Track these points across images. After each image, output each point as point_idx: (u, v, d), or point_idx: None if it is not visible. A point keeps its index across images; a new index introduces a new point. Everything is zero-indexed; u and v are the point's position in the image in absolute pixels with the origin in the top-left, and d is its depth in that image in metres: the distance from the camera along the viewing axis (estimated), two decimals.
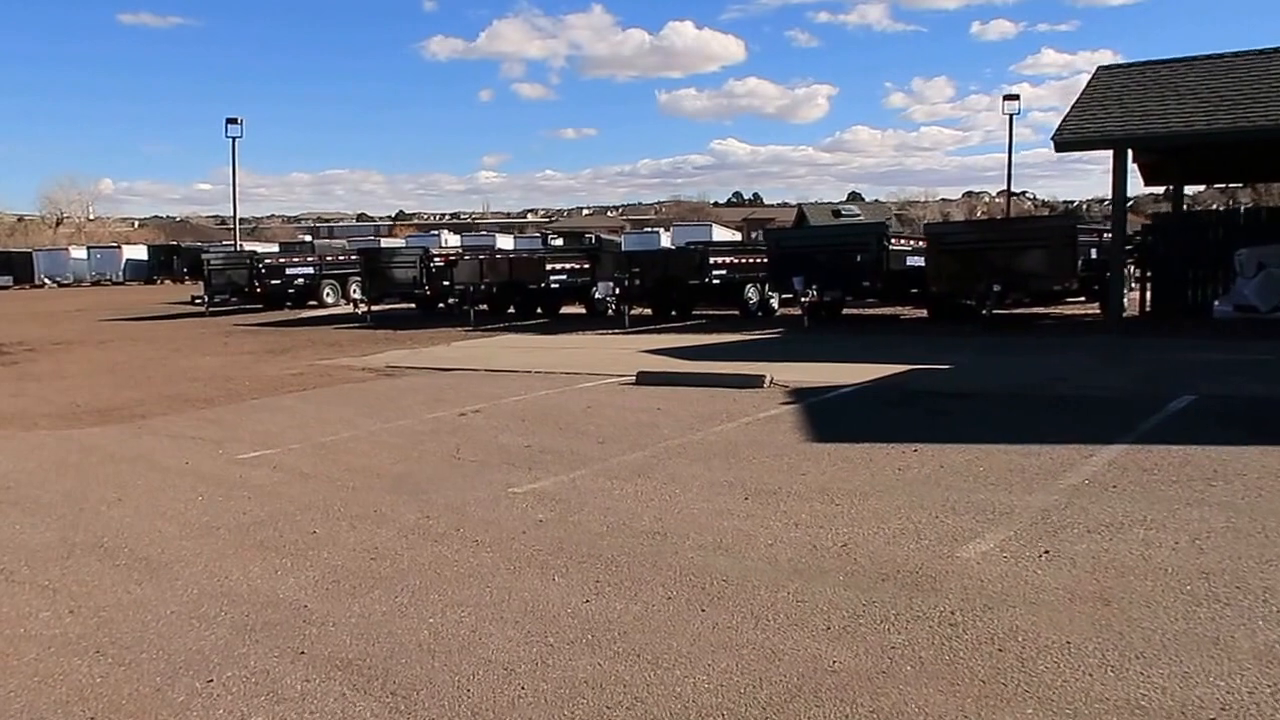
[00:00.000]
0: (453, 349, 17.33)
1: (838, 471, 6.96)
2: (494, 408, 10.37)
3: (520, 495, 6.59)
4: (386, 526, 5.95)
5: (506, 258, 25.24)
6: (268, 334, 22.07)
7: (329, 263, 30.87)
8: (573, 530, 5.73)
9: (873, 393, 10.62)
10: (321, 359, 16.27)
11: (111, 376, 14.90)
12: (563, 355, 15.48)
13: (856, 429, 8.59)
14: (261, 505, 6.58)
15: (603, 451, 7.96)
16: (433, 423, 9.60)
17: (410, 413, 10.26)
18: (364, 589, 4.85)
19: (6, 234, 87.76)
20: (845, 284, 19.65)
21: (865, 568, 4.89)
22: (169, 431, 9.75)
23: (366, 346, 18.13)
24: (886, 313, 22.12)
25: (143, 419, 10.71)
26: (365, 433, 9.21)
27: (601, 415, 9.65)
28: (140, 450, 8.79)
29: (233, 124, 42.11)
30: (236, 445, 8.83)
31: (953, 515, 5.77)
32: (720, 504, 6.20)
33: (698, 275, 20.84)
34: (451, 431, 9.08)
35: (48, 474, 7.86)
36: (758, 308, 22.27)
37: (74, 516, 6.46)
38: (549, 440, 8.49)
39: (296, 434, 9.28)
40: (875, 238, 19.61)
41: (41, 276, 60.89)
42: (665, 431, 8.71)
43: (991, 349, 14.41)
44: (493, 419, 9.69)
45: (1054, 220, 27.53)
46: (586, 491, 6.64)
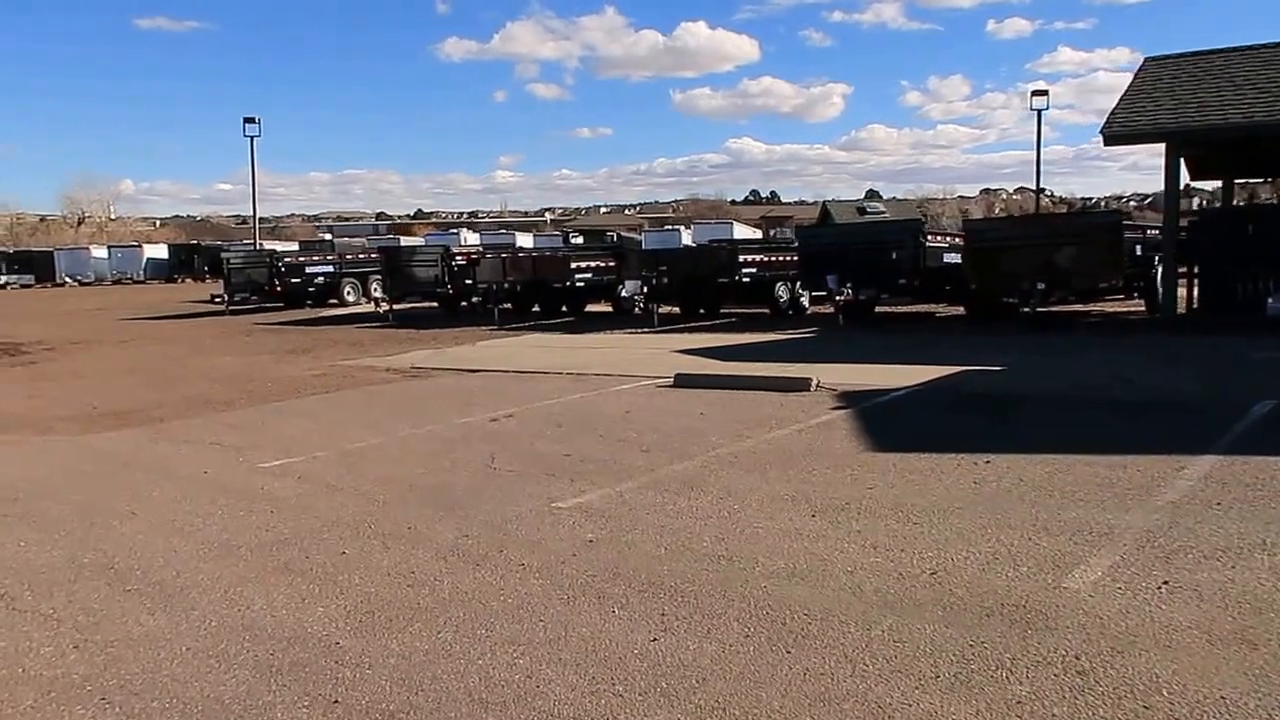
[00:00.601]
0: (478, 349, 16.85)
1: (907, 485, 6.40)
2: (527, 412, 9.85)
3: (565, 511, 6.07)
4: (422, 547, 5.44)
5: (530, 256, 24.75)
6: (289, 333, 21.68)
7: (349, 261, 30.47)
8: (627, 553, 5.19)
9: (927, 396, 10.04)
10: (344, 359, 15.82)
11: (130, 377, 14.51)
12: (593, 356, 14.96)
13: (919, 437, 8.02)
14: (285, 521, 6.09)
15: (648, 461, 7.42)
16: (464, 428, 9.10)
17: (440, 417, 9.76)
18: (402, 622, 4.33)
19: (29, 234, 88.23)
20: (881, 282, 19.02)
21: (963, 600, 4.33)
22: (187, 437, 9.29)
23: (390, 346, 17.68)
24: (919, 311, 21.47)
25: (160, 422, 10.27)
26: (394, 439, 8.72)
27: (642, 420, 9.12)
28: (157, 457, 8.34)
29: (251, 123, 41.90)
30: (258, 452, 8.36)
31: (1046, 536, 5.20)
32: (785, 522, 5.66)
33: (727, 273, 20.26)
34: (484, 438, 8.58)
35: (59, 483, 7.41)
36: (788, 306, 21.68)
37: (84, 532, 5.99)
38: (589, 448, 7.96)
39: (321, 440, 8.81)
40: (911, 234, 18.96)
41: (63, 275, 60.96)
42: (713, 439, 8.17)
43: (1040, 349, 13.77)
44: (527, 424, 9.18)
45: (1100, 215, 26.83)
46: (636, 507, 6.11)
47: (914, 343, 15.48)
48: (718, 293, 20.97)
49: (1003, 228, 20.69)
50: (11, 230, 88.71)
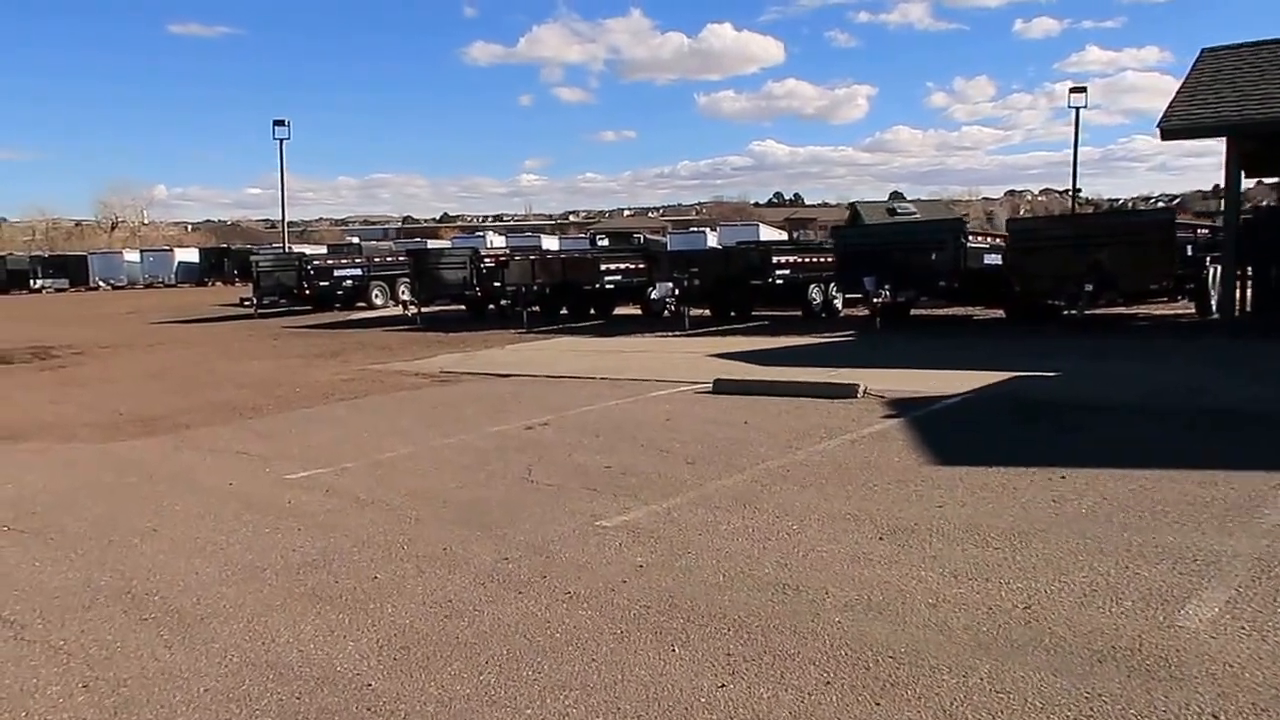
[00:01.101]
0: (508, 353, 16.49)
1: (980, 504, 5.91)
2: (562, 420, 9.45)
3: (611, 531, 5.65)
4: (459, 571, 5.03)
5: (559, 258, 24.41)
6: (317, 336, 21.46)
7: (377, 264, 30.30)
8: (682, 580, 4.76)
9: (983, 404, 9.52)
10: (373, 363, 15.51)
11: (157, 382, 14.28)
12: (626, 360, 14.54)
13: (983, 449, 7.51)
14: (313, 540, 5.71)
15: (695, 474, 6.99)
16: (498, 437, 8.71)
17: (472, 425, 9.38)
18: (439, 660, 3.93)
19: (64, 238, 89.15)
20: (920, 284, 18.45)
21: (1067, 641, 3.86)
22: (213, 445, 8.98)
23: (418, 350, 17.37)
24: (957, 313, 20.87)
25: (186, 429, 9.97)
26: (425, 449, 8.35)
27: (683, 429, 8.68)
28: (181, 468, 8.01)
29: (280, 125, 41.97)
30: (285, 463, 8.01)
31: (1146, 565, 4.70)
32: (851, 545, 5.20)
33: (760, 275, 19.78)
34: (520, 448, 8.18)
35: (79, 496, 7.09)
36: (821, 309, 21.16)
37: (101, 551, 5.65)
38: (631, 459, 7.54)
39: (350, 449, 8.45)
40: (952, 235, 18.38)
41: (96, 279, 61.50)
42: (761, 450, 7.72)
43: (1093, 353, 13.19)
44: (563, 433, 8.77)
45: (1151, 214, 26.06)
46: (687, 526, 5.67)
47: (956, 346, 14.93)
48: (750, 295, 20.49)
49: (1049, 227, 20.03)
50: (47, 235, 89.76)
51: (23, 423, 10.86)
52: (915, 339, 16.30)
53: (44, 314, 34.80)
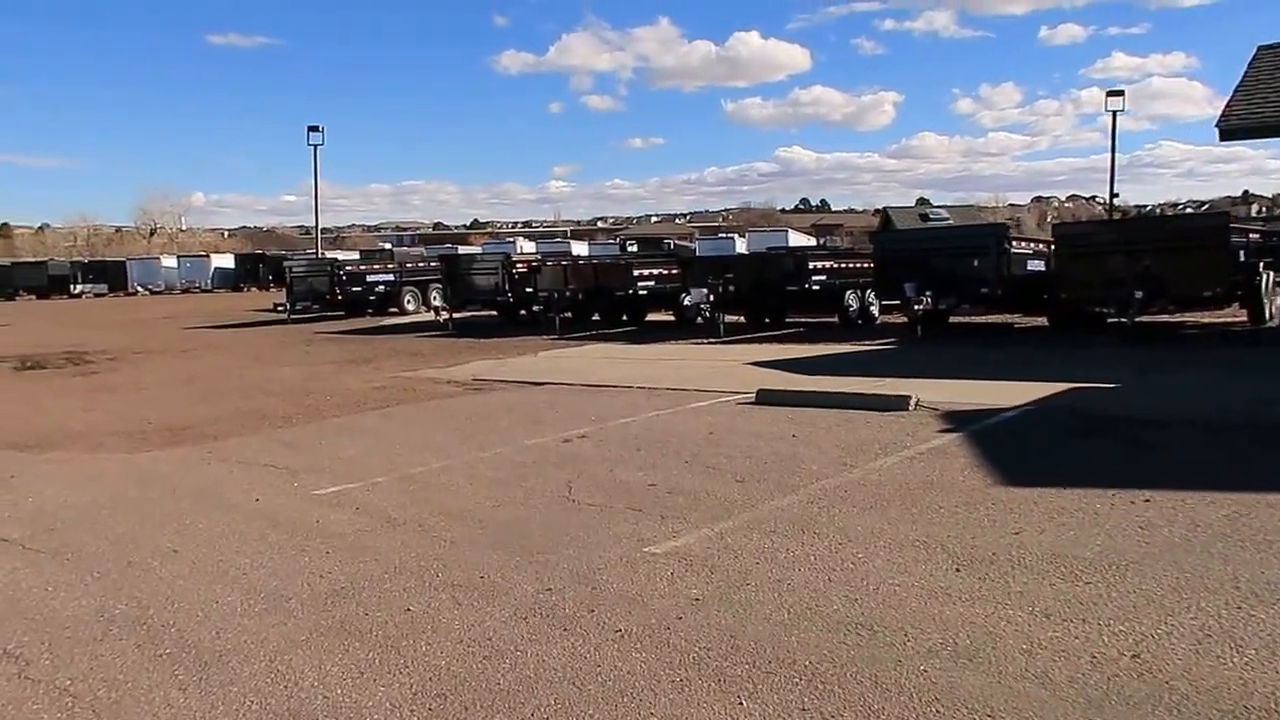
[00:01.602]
0: (541, 360, 16.14)
1: (1060, 531, 5.43)
2: (601, 432, 9.06)
3: (660, 558, 5.23)
4: (499, 603, 4.64)
5: (592, 264, 24.09)
6: (349, 342, 21.27)
7: (409, 270, 30.14)
8: (743, 616, 4.34)
9: (1043, 418, 9.00)
10: (404, 370, 15.23)
11: (188, 389, 14.09)
12: (662, 368, 14.14)
13: (1052, 468, 7.01)
14: (342, 564, 5.36)
15: (745, 494, 6.56)
16: (535, 451, 8.33)
17: (507, 437, 9.01)
18: (480, 711, 3.54)
19: (104, 244, 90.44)
20: (961, 290, 17.86)
21: (1190, 699, 3.39)
22: (241, 457, 8.68)
23: (450, 357, 17.08)
24: (996, 321, 20.24)
25: (214, 440, 9.71)
26: (459, 462, 7.99)
27: (729, 443, 8.26)
28: (207, 481, 7.71)
29: (314, 131, 42.08)
30: (314, 476, 7.69)
31: (1260, 605, 4.21)
32: (925, 577, 4.75)
33: (796, 281, 19.29)
34: (558, 463, 7.79)
35: (100, 512, 6.80)
36: (858, 315, 20.62)
37: (119, 575, 5.33)
38: (676, 476, 7.13)
39: (381, 463, 8.11)
40: (995, 240, 17.78)
41: (135, 284, 62.24)
42: (813, 467, 7.27)
43: (1148, 364, 12.58)
44: (603, 446, 8.38)
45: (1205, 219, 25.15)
46: (742, 553, 5.25)
47: (1004, 356, 14.35)
48: (786, 301, 20.02)
49: (1097, 232, 19.41)
50: (89, 241, 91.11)
51: (51, 431, 10.66)
52: (958, 347, 15.74)
53: (82, 319, 35.05)
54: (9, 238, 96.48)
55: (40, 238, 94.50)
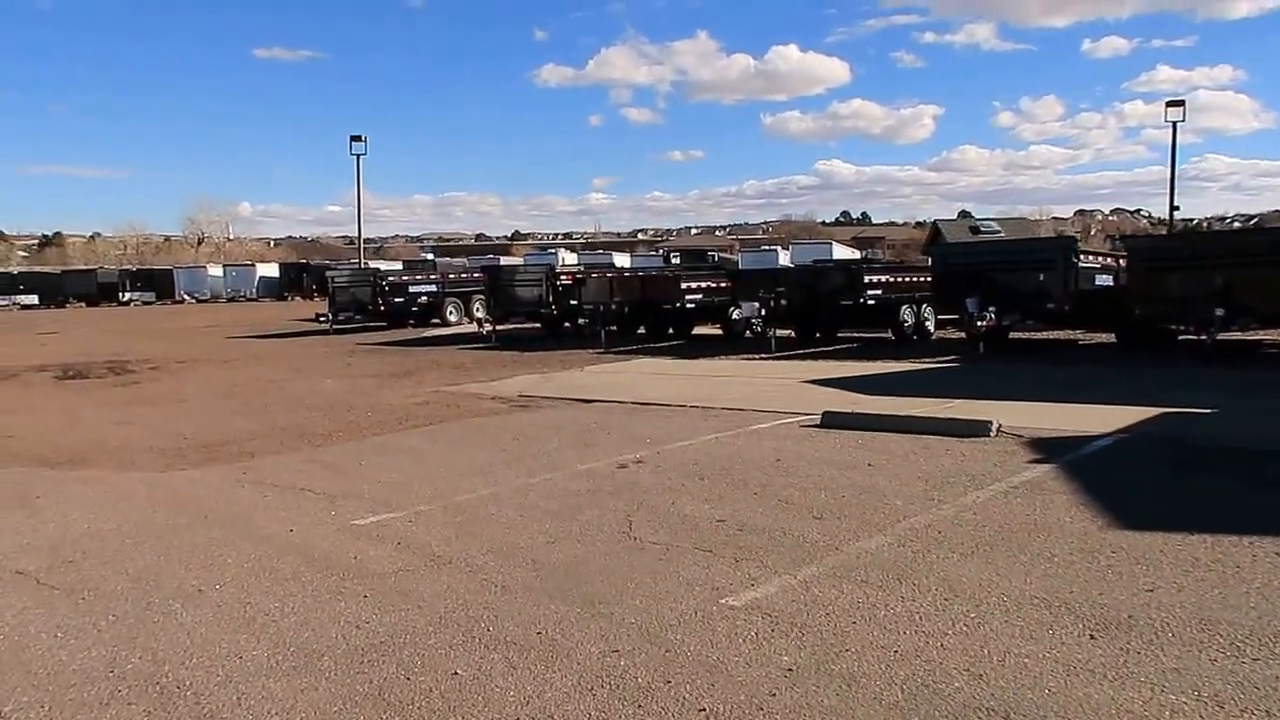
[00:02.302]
0: (587, 375, 15.57)
1: (1202, 588, 4.70)
2: (659, 457, 8.43)
3: (740, 612, 4.59)
4: (559, 667, 4.02)
5: (638, 276, 23.51)
6: (391, 354, 20.89)
7: (452, 281, 29.80)
8: (848, 696, 3.67)
9: (1143, 448, 8.20)
10: (447, 384, 14.74)
11: (227, 401, 13.71)
12: (716, 386, 13.48)
13: (1170, 508, 6.25)
14: (382, 613, 4.78)
15: (825, 533, 5.89)
16: (588, 477, 7.73)
17: (558, 461, 8.42)
18: None
19: (153, 252, 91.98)
20: (1026, 306, 16.99)
21: None
22: (277, 479, 8.18)
23: (494, 370, 16.58)
24: (1057, 337, 19.29)
25: (250, 458, 9.24)
26: (507, 490, 7.40)
27: (799, 472, 7.59)
28: (240, 508, 7.20)
29: (357, 141, 42.11)
30: (354, 503, 7.15)
31: None
32: (1056, 646, 4.05)
33: (851, 295, 18.54)
34: (615, 491, 7.18)
35: (124, 542, 6.31)
36: (913, 331, 19.81)
37: (136, 620, 4.80)
38: (745, 510, 6.48)
39: (425, 488, 7.56)
40: (1063, 254, 16.90)
41: (181, 293, 63.00)
42: (897, 502, 6.58)
43: (1240, 387, 11.67)
44: (662, 474, 7.74)
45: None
46: (835, 609, 4.58)
47: (1076, 376, 13.48)
48: (839, 316, 19.28)
49: (1174, 246, 18.42)
50: (138, 250, 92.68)
51: (84, 446, 10.28)
52: (1026, 365, 14.89)
53: (128, 326, 35.24)
54: (62, 246, 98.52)
55: (92, 246, 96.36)
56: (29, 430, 11.58)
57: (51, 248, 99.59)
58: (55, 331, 32.76)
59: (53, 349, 24.86)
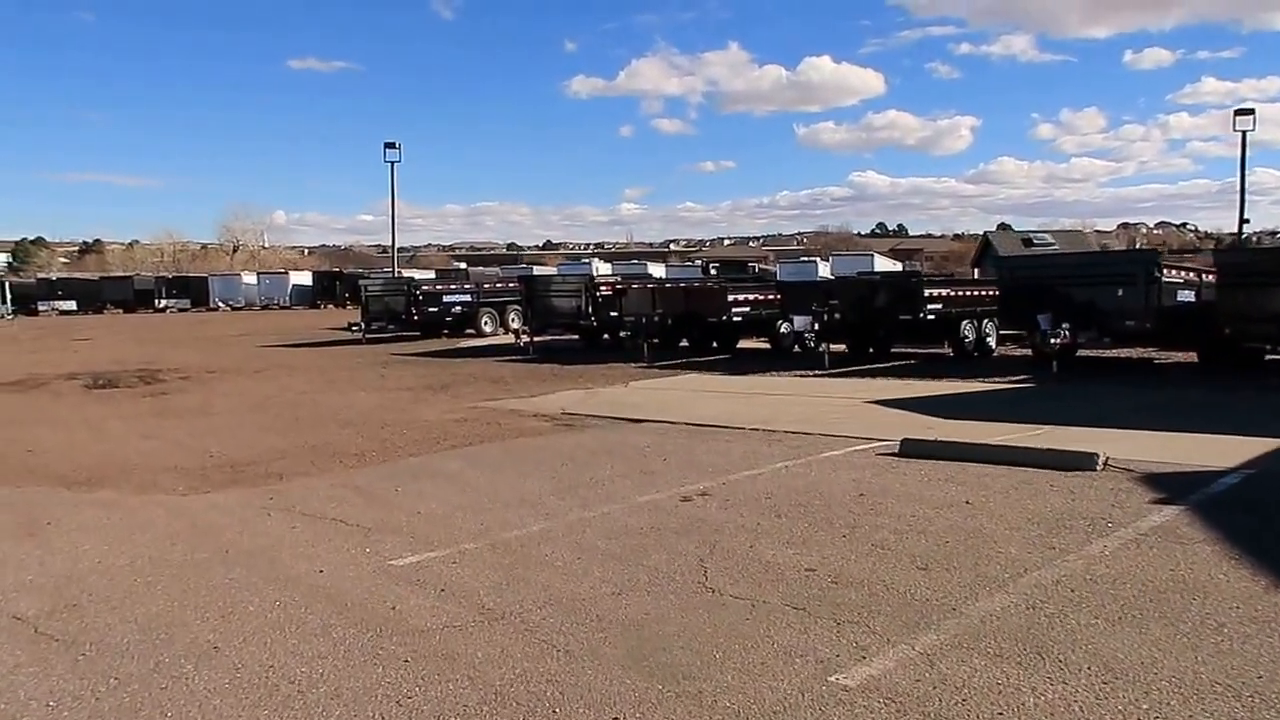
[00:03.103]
0: (633, 391, 14.80)
1: None
2: (725, 488, 7.63)
3: (857, 696, 3.78)
4: None
5: (682, 287, 22.74)
6: (425, 366, 20.26)
7: (487, 290, 29.20)
8: None
9: (1278, 486, 7.27)
10: (486, 399, 14.04)
11: (257, 415, 13.10)
12: (773, 405, 12.65)
13: None
14: (426, 683, 4.02)
15: (937, 588, 5.06)
16: (650, 512, 6.94)
17: (614, 492, 7.65)
18: None
19: (189, 260, 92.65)
20: (1103, 323, 16.01)
21: None
22: (306, 506, 7.48)
23: (533, 385, 15.87)
24: (1129, 355, 18.25)
25: (279, 481, 8.57)
26: (561, 525, 6.64)
27: (889, 510, 6.75)
28: (265, 541, 6.50)
29: (391, 149, 41.60)
30: (390, 538, 6.42)
31: None
32: None
33: (910, 309, 17.64)
34: (682, 530, 6.39)
35: (136, 581, 5.62)
36: (974, 347, 18.86)
37: (141, 683, 4.08)
38: (836, 557, 5.66)
39: (469, 522, 6.81)
40: (1145, 268, 15.91)
41: (215, 300, 63.24)
42: (1011, 550, 5.73)
43: None
44: (732, 509, 6.95)
45: None
46: (971, 694, 3.76)
47: (1167, 400, 12.50)
48: (897, 331, 18.38)
49: (1265, 261, 17.28)
50: (174, 257, 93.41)
51: (105, 464, 9.68)
52: (1107, 387, 13.91)
53: (161, 334, 35.04)
54: (101, 253, 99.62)
55: (130, 253, 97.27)
56: (52, 444, 11.02)
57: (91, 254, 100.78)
58: (89, 338, 32.59)
59: (85, 356, 24.55)
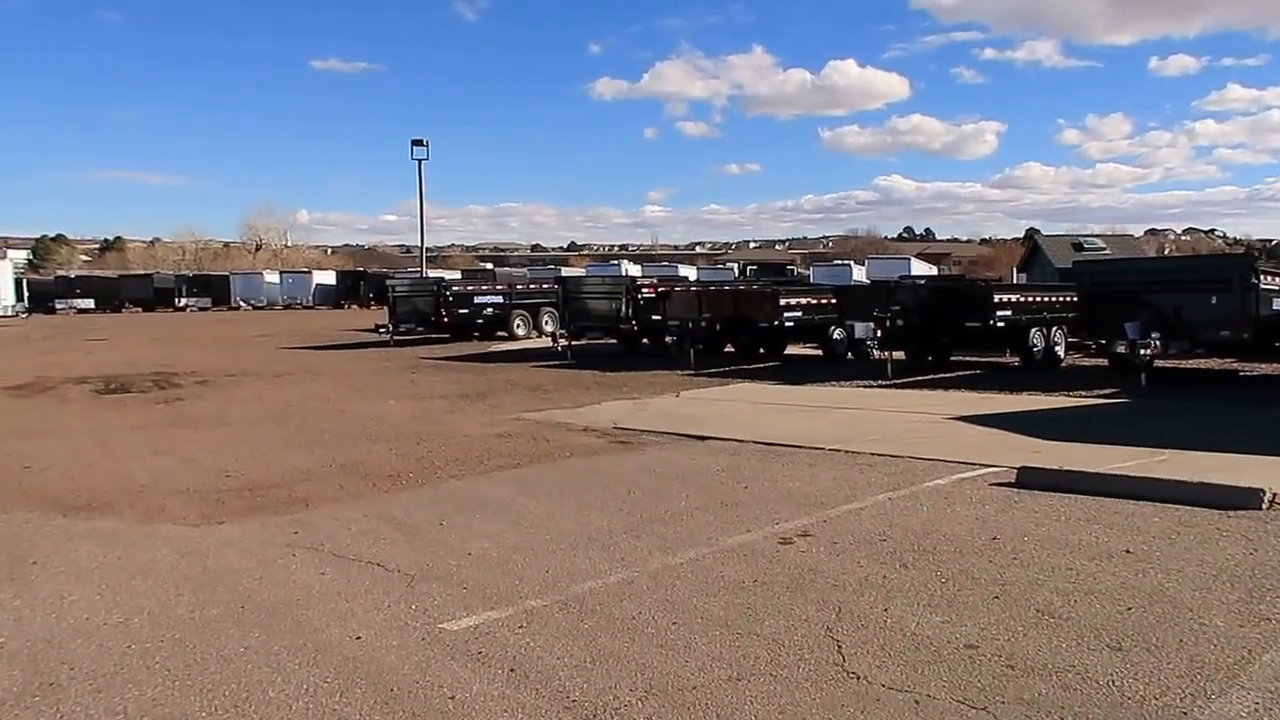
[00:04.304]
0: (686, 403, 13.65)
1: None
2: (827, 527, 6.46)
3: None
4: None
5: (731, 290, 21.57)
6: (458, 371, 19.18)
7: (520, 292, 28.10)
8: None
9: None
10: (528, 410, 12.93)
11: (279, 427, 12.05)
12: (846, 421, 11.45)
13: None
14: None
15: (1144, 677, 3.87)
16: (746, 558, 5.79)
17: (696, 530, 6.49)
18: None
19: (211, 258, 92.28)
20: (1194, 333, 14.69)
21: None
22: (337, 544, 6.38)
23: (576, 394, 14.74)
24: (1208, 366, 16.86)
25: (304, 508, 7.49)
26: (643, 575, 5.50)
27: (1033, 560, 5.57)
28: (289, 592, 5.39)
29: (419, 145, 40.67)
30: (439, 590, 5.31)
31: None
32: None
33: (979, 316, 16.38)
34: (794, 585, 5.23)
35: (129, 649, 4.52)
36: (1042, 357, 17.57)
37: None
38: (996, 627, 4.48)
39: (531, 568, 5.69)
40: (1240, 274, 14.60)
41: (237, 299, 62.55)
42: (1218, 621, 4.53)
43: None
44: (844, 555, 5.78)
45: None
46: None
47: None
48: (963, 338, 17.15)
49: None
50: (197, 255, 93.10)
51: (108, 484, 8.63)
52: (1211, 403, 12.60)
53: (180, 334, 34.22)
54: (122, 251, 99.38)
55: (151, 251, 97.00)
56: (52, 458, 10.01)
57: (112, 252, 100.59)
58: (104, 338, 31.76)
59: (98, 358, 23.65)
